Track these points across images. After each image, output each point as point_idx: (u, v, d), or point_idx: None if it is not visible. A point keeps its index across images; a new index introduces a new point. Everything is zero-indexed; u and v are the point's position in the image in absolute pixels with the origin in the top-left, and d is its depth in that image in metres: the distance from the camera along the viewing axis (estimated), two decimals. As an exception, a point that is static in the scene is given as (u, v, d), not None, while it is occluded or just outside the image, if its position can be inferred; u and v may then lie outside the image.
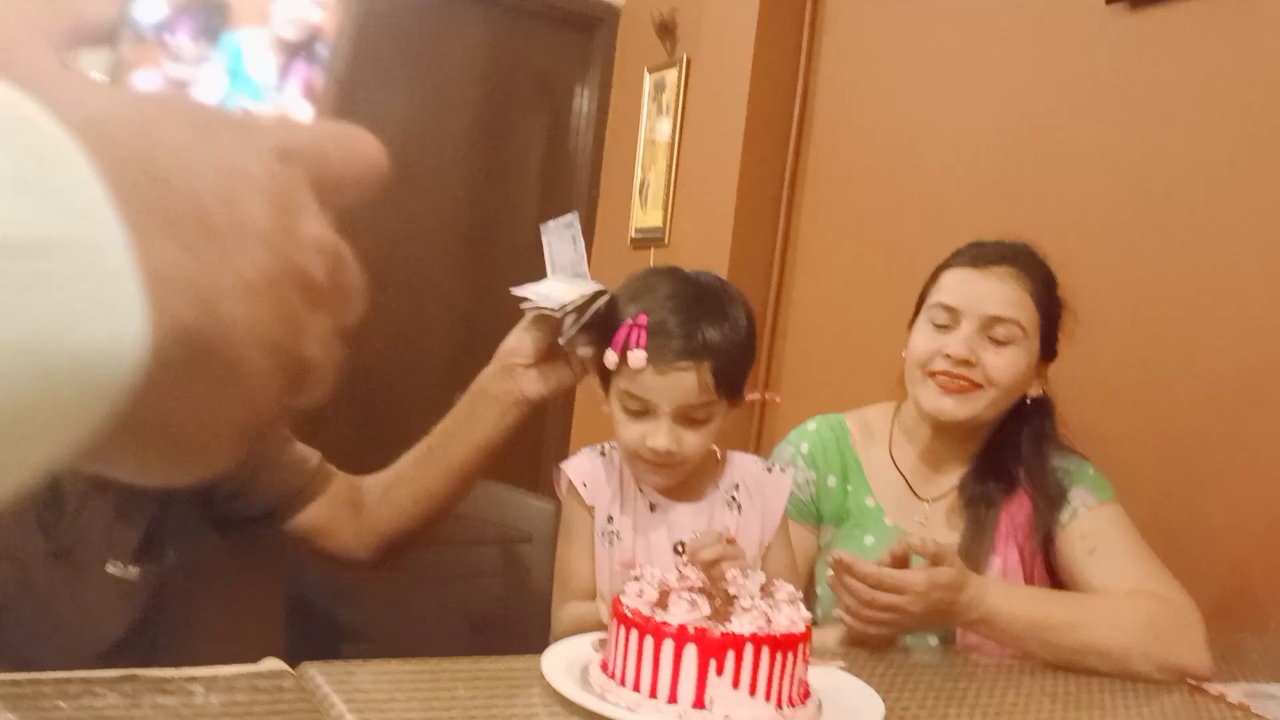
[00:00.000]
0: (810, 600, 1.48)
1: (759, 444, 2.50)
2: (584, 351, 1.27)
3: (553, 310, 1.23)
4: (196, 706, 0.84)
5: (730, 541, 1.10)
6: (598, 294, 1.23)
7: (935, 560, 1.19)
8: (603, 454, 1.27)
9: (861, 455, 1.51)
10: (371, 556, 1.31)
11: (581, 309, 1.23)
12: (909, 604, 1.18)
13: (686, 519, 1.25)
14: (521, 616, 1.67)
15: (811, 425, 1.55)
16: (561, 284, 1.26)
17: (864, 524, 1.48)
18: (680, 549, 1.24)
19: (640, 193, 3.07)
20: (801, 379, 2.54)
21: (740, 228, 2.58)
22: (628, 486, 1.25)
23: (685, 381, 1.16)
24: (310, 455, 1.31)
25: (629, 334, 1.16)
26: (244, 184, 0.30)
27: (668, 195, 2.93)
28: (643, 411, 1.18)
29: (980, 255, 1.42)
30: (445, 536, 1.69)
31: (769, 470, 1.29)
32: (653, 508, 1.25)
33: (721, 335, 1.18)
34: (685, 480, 1.25)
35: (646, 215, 3.02)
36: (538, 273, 1.33)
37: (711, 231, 2.66)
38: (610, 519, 1.24)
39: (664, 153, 2.97)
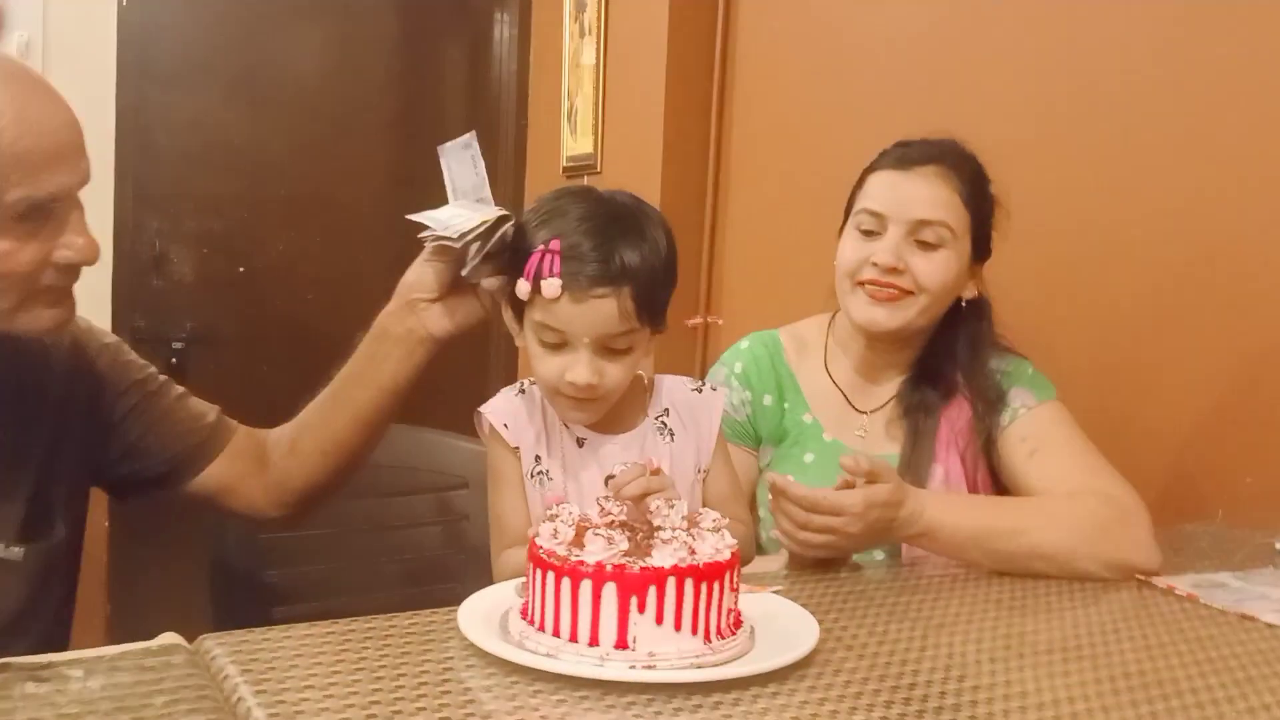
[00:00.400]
0: (754, 524, 1.44)
1: (703, 369, 2.45)
2: (490, 283, 1.19)
3: (452, 240, 1.15)
4: (72, 693, 0.77)
5: (655, 472, 1.05)
6: (501, 219, 1.15)
7: (871, 477, 1.15)
8: (522, 391, 1.20)
9: (796, 371, 1.46)
10: (284, 513, 1.25)
11: (484, 237, 1.15)
12: (846, 525, 1.13)
13: (617, 452, 1.18)
14: (461, 564, 1.62)
15: (744, 343, 1.50)
16: (463, 210, 1.18)
17: (803, 442, 1.43)
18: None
19: (569, 119, 2.96)
20: (743, 300, 2.49)
21: (671, 149, 2.51)
22: (552, 424, 1.19)
23: (604, 309, 1.08)
24: (207, 410, 1.24)
25: (541, 261, 1.08)
26: None
27: (597, 121, 2.83)
28: (560, 344, 1.11)
29: (905, 156, 1.36)
30: (376, 487, 1.63)
31: (699, 391, 1.23)
32: (580, 443, 1.19)
33: (641, 258, 1.10)
34: (612, 412, 1.19)
35: (577, 142, 2.92)
36: None
37: (643, 155, 2.57)
38: (537, 459, 1.18)
39: (590, 76, 2.86)
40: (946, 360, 1.39)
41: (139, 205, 2.75)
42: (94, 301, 2.65)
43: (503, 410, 1.19)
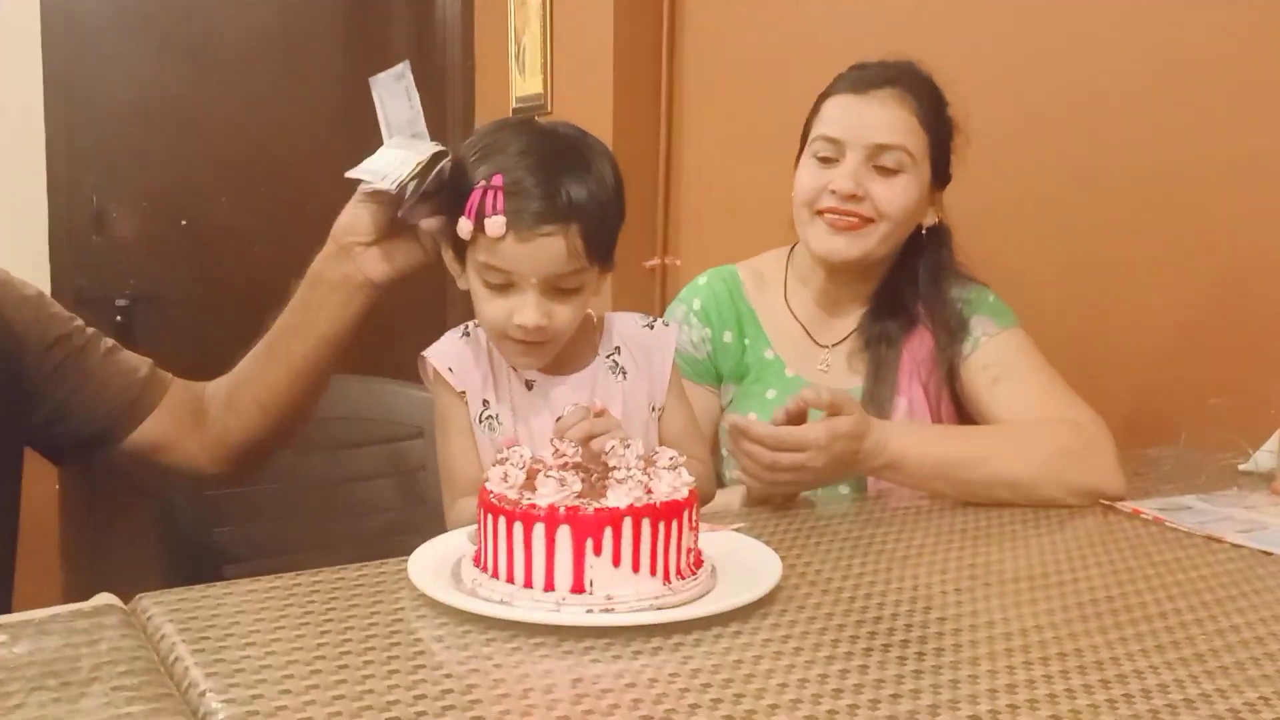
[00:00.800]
0: (716, 463, 1.41)
1: (663, 312, 2.41)
2: (430, 223, 1.14)
3: (390, 189, 1.09)
4: (-7, 660, 0.73)
5: (600, 413, 1.01)
6: (437, 156, 1.09)
7: (833, 410, 1.12)
8: (467, 334, 1.15)
9: (756, 306, 1.43)
10: (223, 469, 1.19)
11: (421, 175, 1.09)
12: (811, 460, 1.11)
13: (567, 394, 1.14)
14: (419, 517, 1.58)
15: (702, 280, 1.46)
16: (398, 151, 1.12)
17: (764, 378, 1.40)
18: None
19: (517, 60, 2.89)
20: (701, 240, 2.45)
21: (621, 87, 2.44)
22: (499, 367, 1.14)
23: (551, 248, 1.03)
24: (139, 364, 1.18)
25: (483, 199, 1.03)
26: None
27: (545, 60, 2.75)
28: (506, 285, 1.06)
29: (861, 79, 1.31)
30: (328, 440, 1.58)
31: (650, 327, 1.18)
32: (530, 386, 1.15)
33: (588, 192, 1.05)
34: (562, 352, 1.14)
35: (526, 83, 2.85)
36: None
37: (593, 94, 2.51)
38: (485, 404, 1.14)
39: (537, 14, 2.78)
40: (907, 290, 1.36)
41: (73, 163, 2.65)
42: (32, 261, 2.56)
43: (447, 354, 1.14)
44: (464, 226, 1.04)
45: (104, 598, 0.86)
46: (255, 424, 1.18)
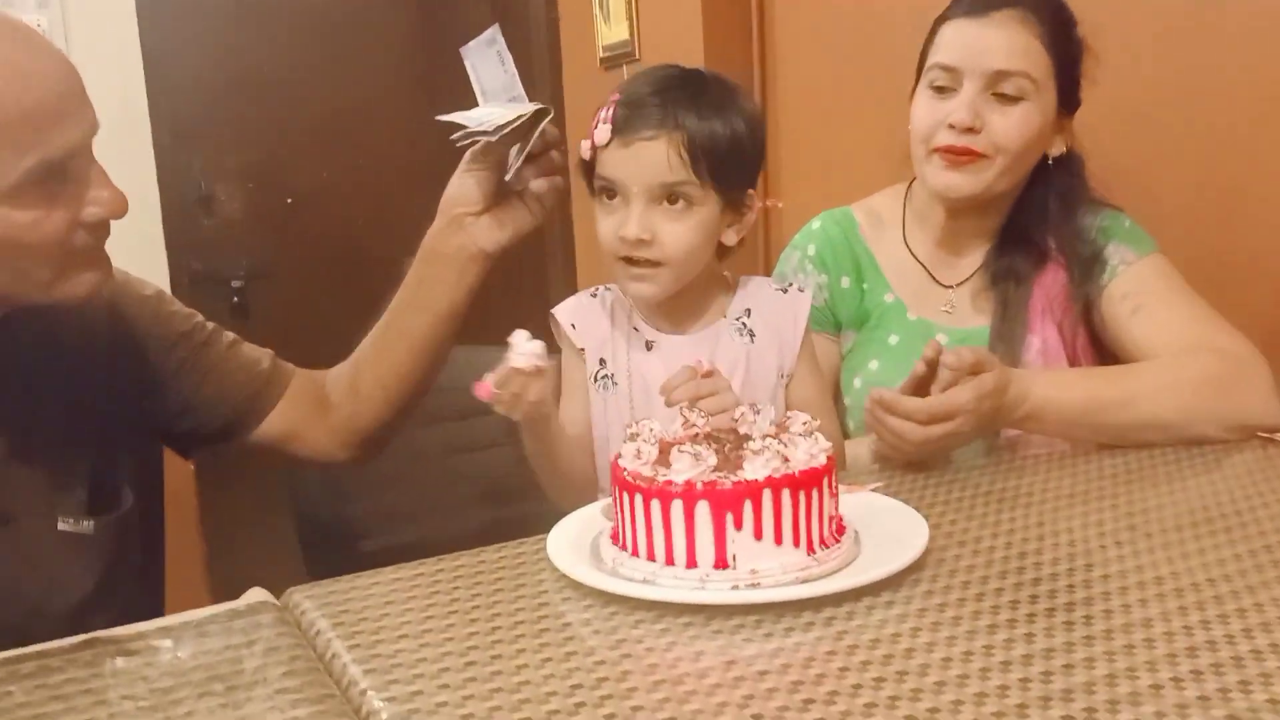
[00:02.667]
0: (839, 414, 1.38)
1: (767, 256, 2.36)
2: (539, 184, 1.13)
3: (489, 134, 1.07)
4: (163, 665, 0.75)
5: (708, 374, 0.99)
6: (540, 114, 1.08)
7: (975, 368, 1.07)
8: (594, 295, 1.16)
9: (874, 248, 1.37)
10: (352, 453, 1.21)
11: (523, 134, 1.08)
12: (961, 425, 1.06)
13: (687, 353, 1.12)
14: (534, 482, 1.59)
15: (816, 224, 1.41)
16: (496, 109, 1.10)
17: (885, 323, 1.35)
18: None
19: (601, 7, 2.82)
20: (802, 180, 2.37)
21: (711, 26, 2.36)
22: (620, 326, 1.13)
23: (652, 153, 1.03)
24: (261, 356, 1.19)
25: (601, 114, 1.06)
26: None
27: (630, 5, 2.69)
28: (614, 198, 1.06)
29: (979, 1, 1.24)
30: (446, 412, 1.60)
31: (784, 291, 1.15)
32: (649, 346, 1.13)
33: (697, 110, 1.04)
34: (688, 312, 1.13)
35: (611, 30, 2.78)
36: None
37: (682, 38, 2.44)
38: (602, 362, 1.13)
39: (619, -42, 2.71)
40: (1036, 222, 1.28)
41: (177, 144, 2.70)
42: (148, 247, 2.63)
43: (572, 309, 1.15)
44: (583, 146, 1.07)
45: (256, 593, 0.88)
46: (379, 405, 1.19)
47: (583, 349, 1.13)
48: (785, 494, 0.82)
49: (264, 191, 2.82)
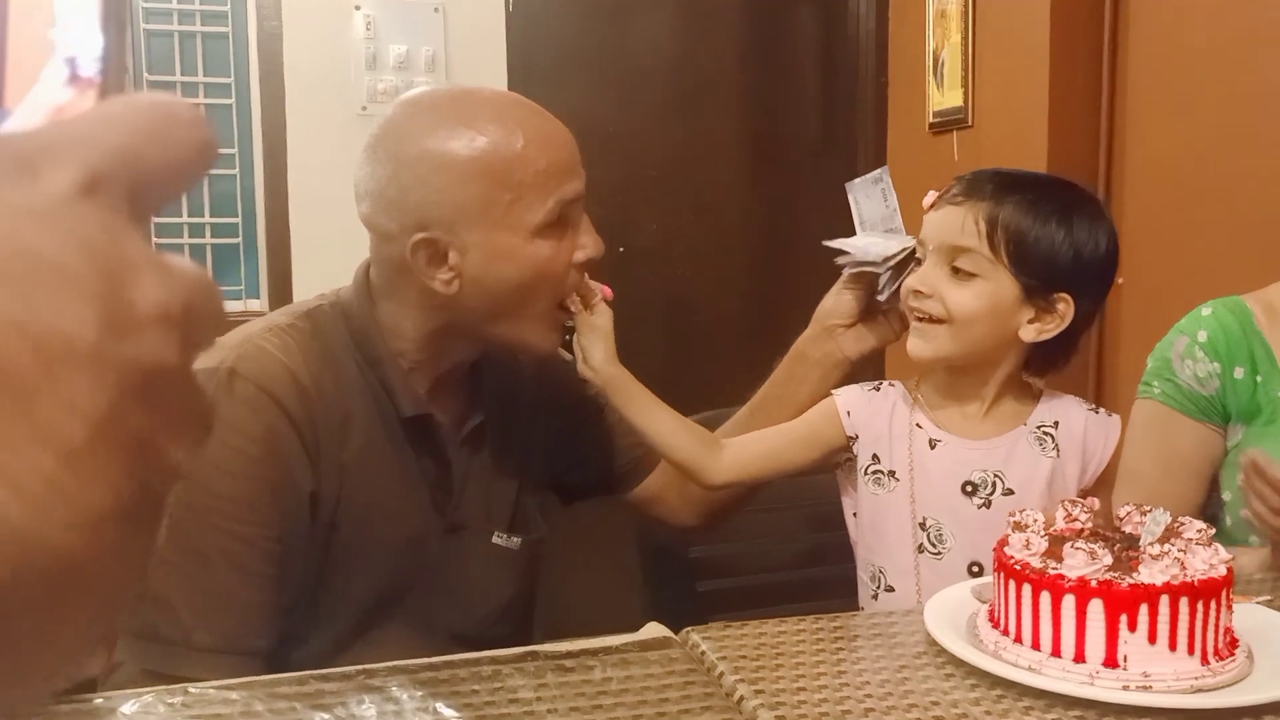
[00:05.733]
0: (1216, 511, 1.34)
1: (1101, 328, 2.29)
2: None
3: (874, 265, 1.19)
4: (597, 683, 0.87)
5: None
6: (916, 247, 1.18)
7: None
8: (877, 389, 1.21)
9: (1271, 340, 1.33)
10: (703, 521, 1.35)
11: (900, 264, 1.18)
12: None
13: (975, 456, 1.15)
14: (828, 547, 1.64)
15: (1206, 310, 1.38)
16: (876, 239, 1.21)
17: (1278, 419, 1.30)
18: (969, 489, 1.14)
19: (935, 71, 2.85)
20: (1148, 258, 2.28)
21: (1057, 96, 2.34)
22: (900, 425, 1.17)
23: (952, 216, 1.10)
24: None
25: None
26: (49, 283, 0.21)
27: (966, 71, 2.70)
28: (919, 258, 1.15)
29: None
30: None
31: (1095, 412, 1.16)
32: (933, 445, 1.16)
33: (1022, 194, 1.09)
34: (977, 410, 1.15)
35: (944, 96, 2.81)
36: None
37: (1022, 104, 2.42)
38: (875, 458, 1.17)
39: (956, 23, 2.73)
40: None
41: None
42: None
43: (851, 399, 1.20)
44: (927, 201, 1.15)
45: (655, 628, 0.99)
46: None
47: (853, 437, 1.18)
48: (1183, 601, 0.83)
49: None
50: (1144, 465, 1.30)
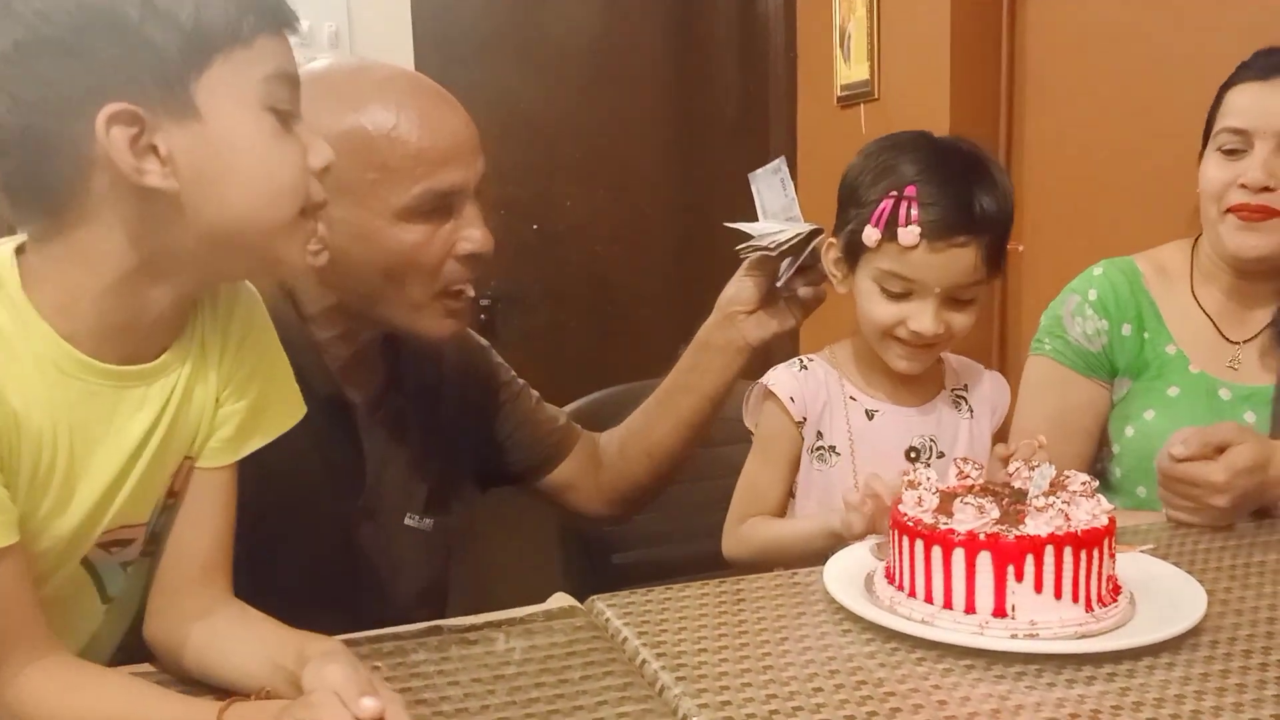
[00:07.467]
0: (1105, 465, 1.39)
1: (1004, 296, 2.34)
2: (805, 292, 1.24)
3: (769, 250, 1.20)
4: (499, 654, 0.87)
5: (1042, 445, 1.06)
6: (814, 233, 1.20)
7: (1221, 450, 1.08)
8: (804, 367, 1.22)
9: (1159, 299, 1.38)
10: (613, 510, 1.36)
11: (797, 250, 1.20)
12: (1207, 496, 1.08)
13: (912, 425, 1.19)
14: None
15: (1098, 270, 1.42)
16: (775, 225, 1.23)
17: (1165, 374, 1.35)
18: (913, 455, 1.18)
19: (841, 45, 2.88)
20: (1045, 226, 2.34)
21: (959, 70, 2.37)
22: (835, 399, 1.19)
23: (962, 259, 1.08)
24: (558, 414, 1.35)
25: (895, 208, 1.08)
26: None
27: (872, 44, 2.73)
28: (905, 293, 1.11)
29: (1269, 65, 1.23)
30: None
31: (988, 371, 1.24)
32: (870, 416, 1.18)
33: (997, 205, 1.10)
34: (905, 379, 1.18)
35: (851, 70, 2.84)
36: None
37: (926, 79, 2.46)
38: (819, 435, 1.19)
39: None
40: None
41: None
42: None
43: (788, 384, 1.20)
44: (870, 235, 1.10)
45: (561, 598, 0.99)
46: (642, 471, 1.32)
47: (802, 420, 1.19)
48: (1067, 551, 0.85)
49: (515, 219, 3.03)
50: (1035, 422, 1.34)
